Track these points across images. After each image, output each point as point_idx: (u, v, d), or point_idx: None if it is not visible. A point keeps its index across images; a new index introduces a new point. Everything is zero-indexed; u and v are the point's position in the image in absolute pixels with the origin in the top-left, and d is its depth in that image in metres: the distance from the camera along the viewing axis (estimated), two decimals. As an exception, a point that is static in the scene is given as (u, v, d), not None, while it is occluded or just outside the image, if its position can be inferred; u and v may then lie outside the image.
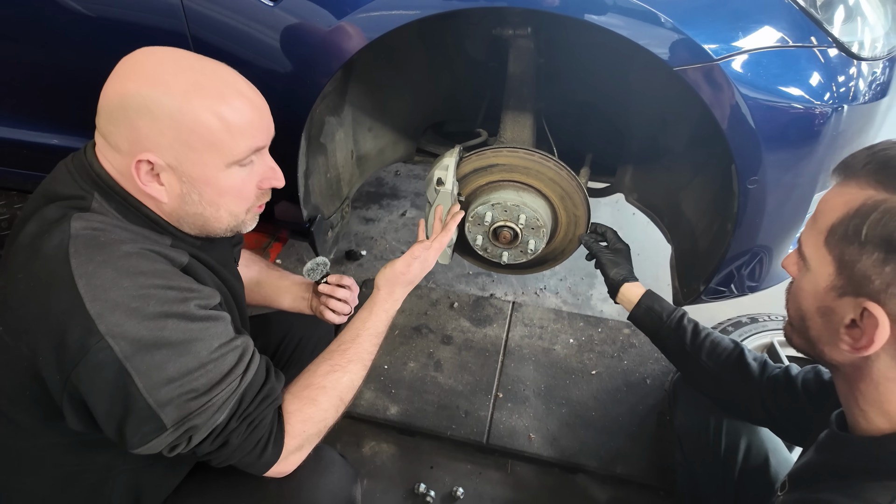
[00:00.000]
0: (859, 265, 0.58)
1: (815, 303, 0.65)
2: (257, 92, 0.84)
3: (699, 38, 0.83)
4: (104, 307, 0.69)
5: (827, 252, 0.62)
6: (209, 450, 0.77)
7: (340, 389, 0.90)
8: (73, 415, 0.74)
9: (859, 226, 0.58)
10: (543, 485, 1.56)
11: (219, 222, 0.84)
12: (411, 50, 1.42)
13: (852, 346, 0.61)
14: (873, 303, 0.57)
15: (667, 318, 1.12)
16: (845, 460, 0.67)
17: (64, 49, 1.15)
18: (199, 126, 0.75)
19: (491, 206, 1.24)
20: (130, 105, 0.74)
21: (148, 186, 0.78)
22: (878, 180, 0.59)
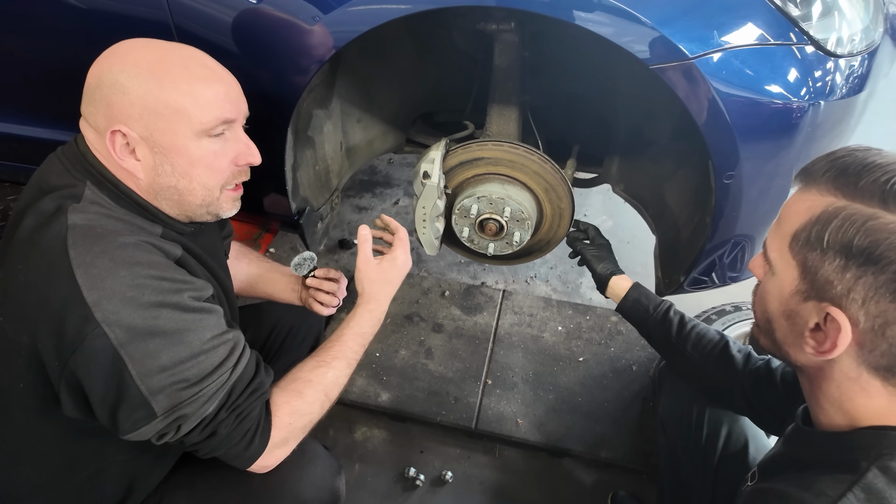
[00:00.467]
0: (822, 271, 0.59)
1: (780, 306, 0.67)
2: (225, 69, 0.88)
3: (675, 37, 0.84)
4: (101, 295, 0.72)
5: (791, 257, 0.63)
6: (197, 439, 0.80)
7: (325, 384, 0.92)
8: (69, 400, 0.77)
9: (821, 232, 0.59)
10: (530, 468, 1.61)
11: (192, 195, 0.86)
12: (399, 42, 1.42)
13: (816, 350, 0.62)
14: (836, 308, 0.58)
15: (653, 311, 1.15)
16: (806, 453, 0.70)
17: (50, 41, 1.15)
18: (165, 95, 0.79)
19: (476, 199, 1.25)
20: (104, 83, 0.79)
21: (124, 161, 0.81)
22: (836, 187, 0.60)
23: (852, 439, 0.63)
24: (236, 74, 0.89)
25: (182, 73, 0.81)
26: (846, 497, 0.56)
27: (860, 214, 0.57)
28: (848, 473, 0.59)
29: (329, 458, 1.02)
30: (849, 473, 0.59)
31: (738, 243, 1.17)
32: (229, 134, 0.87)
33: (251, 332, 1.32)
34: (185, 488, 0.96)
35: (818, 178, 0.62)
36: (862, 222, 0.56)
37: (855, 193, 0.58)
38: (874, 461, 0.58)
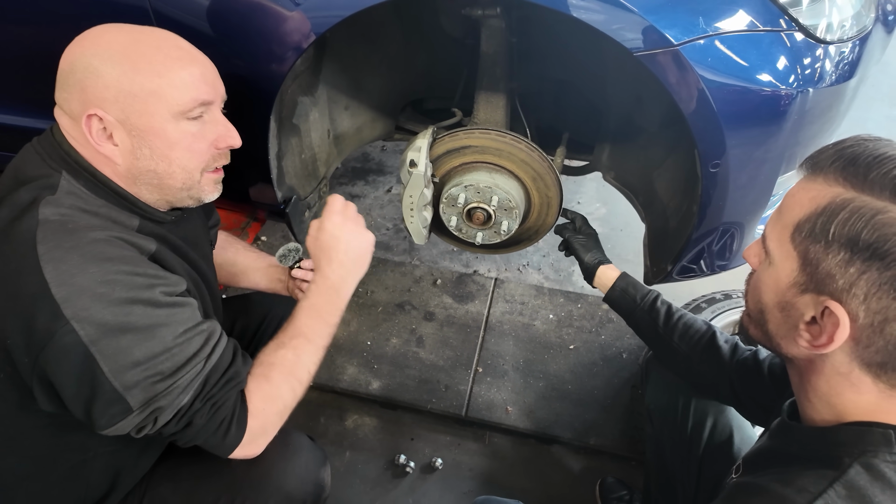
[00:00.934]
0: (824, 264, 0.58)
1: (775, 297, 0.65)
2: (199, 51, 0.87)
3: (660, 24, 0.82)
4: (70, 292, 0.71)
5: (792, 248, 0.61)
6: (174, 430, 0.80)
7: (288, 365, 0.90)
8: (43, 396, 0.77)
9: (826, 224, 0.57)
10: (519, 455, 1.62)
11: (172, 179, 0.85)
12: (387, 27, 1.40)
13: (811, 343, 0.61)
14: (835, 302, 0.57)
15: (640, 301, 1.15)
16: (790, 448, 0.69)
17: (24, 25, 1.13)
18: (139, 76, 0.78)
19: (464, 188, 1.25)
20: (77, 68, 0.78)
21: (101, 146, 0.80)
22: (845, 178, 0.58)
23: (836, 435, 0.62)
24: (216, 61, 0.87)
25: (156, 55, 0.80)
26: (827, 493, 0.56)
27: (868, 208, 0.54)
28: (831, 469, 0.59)
29: (314, 450, 1.02)
30: (831, 469, 0.58)
31: (726, 231, 1.16)
32: (207, 116, 0.86)
33: (242, 322, 1.32)
34: (169, 480, 0.96)
35: (825, 168, 0.60)
36: (871, 216, 0.54)
37: (864, 185, 0.56)
38: (857, 458, 0.58)
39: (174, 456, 0.99)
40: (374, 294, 1.99)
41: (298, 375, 0.91)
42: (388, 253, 2.26)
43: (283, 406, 0.90)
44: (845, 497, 0.55)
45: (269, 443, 0.90)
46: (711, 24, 0.85)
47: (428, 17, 1.42)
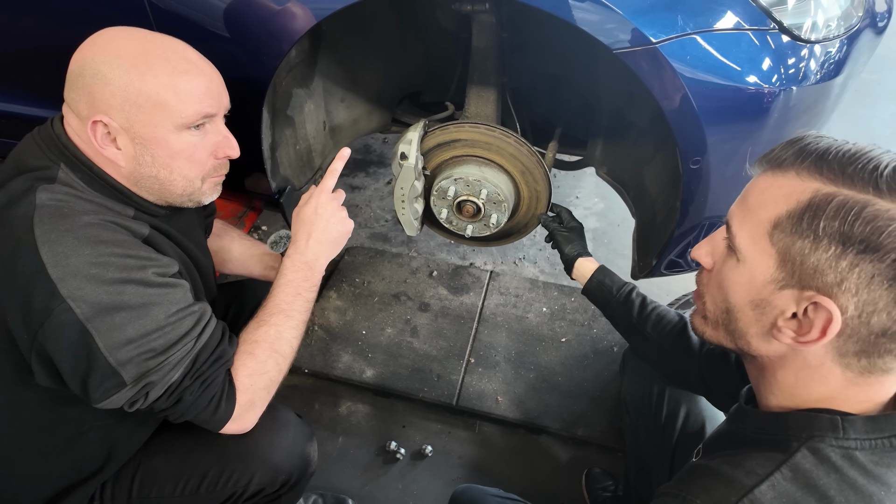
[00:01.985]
0: (811, 259, 0.57)
1: (747, 295, 0.64)
2: (208, 63, 0.89)
3: (638, 22, 0.84)
4: (65, 272, 0.75)
5: (769, 244, 0.61)
6: (165, 406, 0.83)
7: (270, 340, 0.93)
8: (41, 371, 0.80)
9: (813, 220, 0.57)
10: (508, 444, 1.65)
11: (173, 186, 0.89)
12: (383, 20, 1.42)
13: (795, 339, 0.60)
14: (825, 297, 0.56)
15: (616, 292, 1.17)
16: (744, 432, 0.71)
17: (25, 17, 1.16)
18: (146, 87, 0.80)
19: (454, 181, 1.27)
20: (86, 72, 0.80)
21: (105, 150, 0.83)
22: (820, 172, 0.58)
23: (786, 420, 0.64)
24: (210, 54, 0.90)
25: (164, 66, 0.82)
26: (774, 476, 0.58)
27: (855, 201, 0.55)
28: (778, 452, 0.60)
29: (301, 425, 1.06)
30: (779, 452, 0.60)
31: (712, 226, 1.18)
32: (209, 126, 0.89)
33: (236, 307, 1.35)
34: (163, 452, 1.00)
35: (794, 163, 0.60)
36: (860, 209, 0.54)
37: (843, 180, 0.56)
38: (805, 442, 0.60)
39: (167, 430, 1.03)
40: (370, 284, 2.02)
41: (281, 350, 0.94)
42: (387, 244, 2.29)
43: (268, 380, 0.93)
44: (791, 479, 0.57)
45: (258, 418, 0.93)
46: (691, 23, 0.86)
47: (423, 11, 1.44)
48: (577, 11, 0.85)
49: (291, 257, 1.01)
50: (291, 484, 1.01)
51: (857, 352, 0.58)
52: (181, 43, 0.87)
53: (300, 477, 1.02)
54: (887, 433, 0.58)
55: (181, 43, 0.87)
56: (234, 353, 0.91)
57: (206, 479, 0.96)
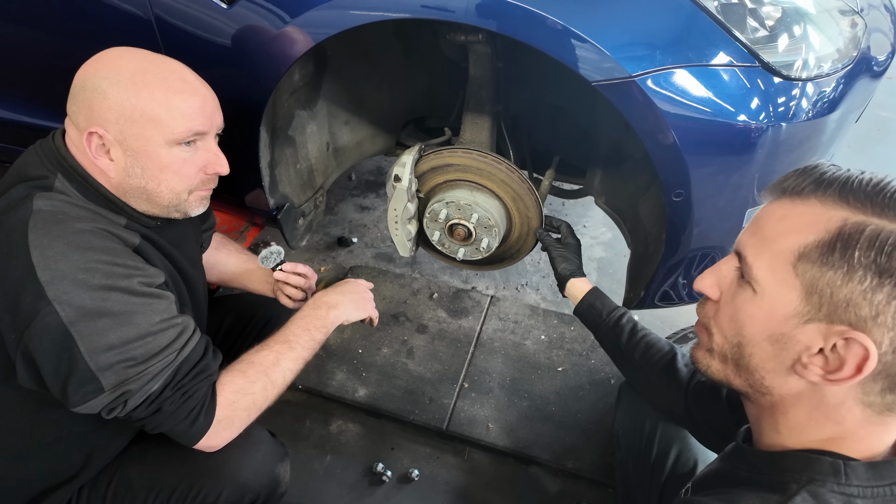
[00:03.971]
0: (843, 291, 0.54)
1: (765, 329, 0.60)
2: (204, 84, 0.93)
3: (615, 55, 0.85)
4: (53, 276, 0.78)
5: (793, 276, 0.57)
6: (143, 415, 0.85)
7: (266, 365, 0.96)
8: (24, 372, 0.83)
9: (846, 250, 0.54)
10: (496, 473, 1.62)
11: (160, 197, 0.92)
12: (388, 47, 1.47)
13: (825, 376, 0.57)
14: (859, 332, 0.53)
15: (606, 316, 1.15)
16: (740, 471, 0.68)
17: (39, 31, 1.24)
18: (141, 103, 0.85)
19: (446, 204, 1.29)
20: (87, 86, 0.86)
21: (98, 160, 0.88)
22: (845, 201, 0.56)
23: (786, 460, 0.61)
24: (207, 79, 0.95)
25: (160, 85, 0.87)
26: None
27: (888, 231, 0.52)
28: (776, 494, 0.58)
29: (273, 445, 1.06)
30: (777, 494, 0.57)
31: (702, 258, 1.17)
32: (200, 144, 0.93)
33: (230, 320, 1.38)
34: (138, 462, 1.02)
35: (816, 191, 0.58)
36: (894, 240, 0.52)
37: (870, 209, 0.54)
38: (805, 485, 0.57)
39: (144, 440, 1.04)
40: (370, 304, 2.04)
41: (273, 377, 0.96)
42: (391, 264, 2.31)
43: (251, 402, 0.94)
44: None
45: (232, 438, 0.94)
46: (670, 58, 0.87)
47: (428, 40, 1.48)
48: (557, 45, 0.87)
49: (315, 298, 1.11)
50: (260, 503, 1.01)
51: (882, 389, 0.55)
52: (180, 64, 0.92)
53: (268, 497, 1.02)
54: (888, 481, 0.56)
55: (180, 64, 0.92)
56: (217, 367, 0.93)
57: (175, 493, 0.97)
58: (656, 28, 0.88)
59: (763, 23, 0.94)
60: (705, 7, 0.88)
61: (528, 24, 0.90)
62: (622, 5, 0.89)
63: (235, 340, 1.38)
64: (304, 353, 1.02)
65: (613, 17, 0.87)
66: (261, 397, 0.95)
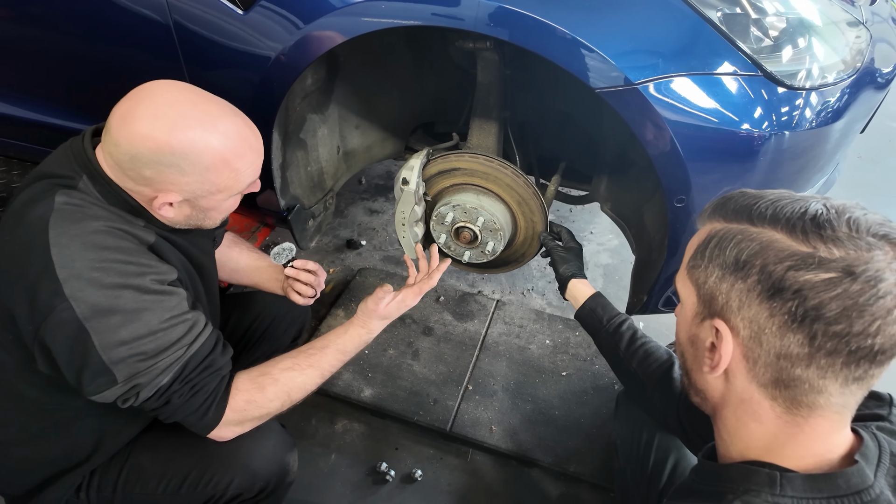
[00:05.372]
0: (707, 286, 0.63)
1: (686, 333, 0.69)
2: (256, 134, 0.96)
3: (619, 63, 0.87)
4: (70, 273, 0.82)
5: (690, 282, 0.67)
6: (154, 406, 0.89)
7: (290, 387, 0.99)
8: (42, 360, 0.87)
9: (703, 250, 0.64)
10: (499, 475, 1.63)
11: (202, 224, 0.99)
12: (398, 54, 1.50)
13: (710, 367, 0.64)
14: (719, 319, 0.61)
15: (606, 322, 1.16)
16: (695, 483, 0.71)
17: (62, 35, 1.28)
18: (216, 179, 0.91)
19: (452, 207, 1.31)
20: (164, 161, 0.86)
21: (161, 209, 0.92)
22: (718, 215, 0.66)
23: (728, 472, 0.65)
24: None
25: (234, 161, 0.90)
26: None
27: (733, 230, 0.62)
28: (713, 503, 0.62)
29: (282, 435, 1.09)
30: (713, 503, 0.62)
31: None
32: None
33: (236, 316, 1.41)
34: (150, 450, 1.05)
35: (708, 213, 0.68)
36: (733, 235, 0.61)
37: (730, 217, 0.64)
38: (740, 495, 0.60)
39: (157, 428, 1.07)
40: (377, 305, 2.06)
41: (294, 397, 1.01)
42: (398, 267, 2.33)
43: (265, 413, 0.98)
44: None
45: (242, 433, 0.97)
46: (673, 66, 0.89)
47: (438, 47, 1.51)
48: (564, 53, 0.90)
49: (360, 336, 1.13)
50: (269, 491, 1.04)
51: (773, 380, 0.59)
52: (244, 122, 0.93)
53: (278, 485, 1.05)
54: (825, 494, 0.57)
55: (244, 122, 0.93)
56: (227, 361, 0.96)
57: (187, 480, 1.00)
58: (659, 37, 0.90)
59: (767, 33, 0.95)
60: (708, 17, 0.90)
61: (536, 34, 0.92)
62: (626, 15, 0.91)
63: (241, 337, 1.41)
64: (329, 374, 1.07)
65: (618, 26, 0.90)
66: (275, 410, 0.99)
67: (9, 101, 1.47)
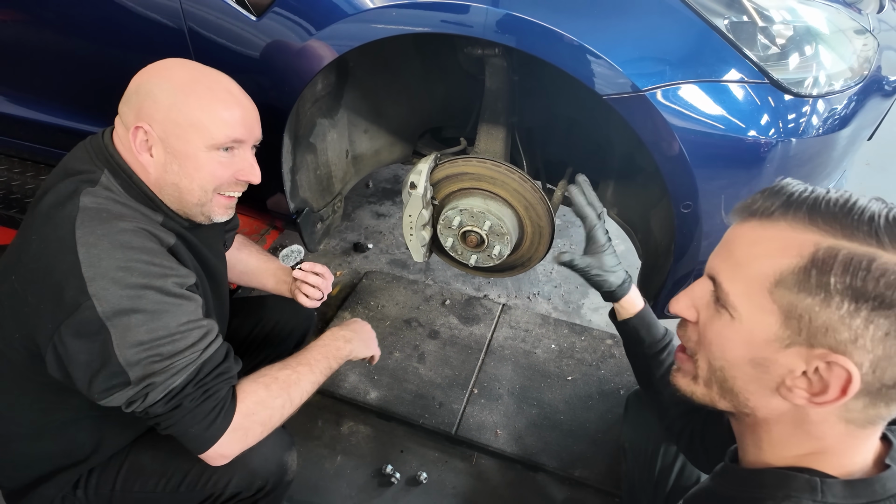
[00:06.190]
0: (822, 317, 0.54)
1: (746, 354, 0.60)
2: (248, 97, 1.00)
3: (627, 70, 0.88)
4: (96, 273, 0.83)
5: (770, 302, 0.57)
6: (161, 410, 0.87)
7: (289, 384, 0.99)
8: (53, 362, 0.87)
9: (822, 276, 0.54)
10: (503, 479, 1.64)
11: (191, 195, 0.97)
12: (407, 59, 1.52)
13: (810, 399, 0.57)
14: (840, 355, 0.54)
15: (647, 347, 1.08)
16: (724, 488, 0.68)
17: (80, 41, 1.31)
18: (187, 108, 0.91)
19: (459, 211, 1.32)
20: (141, 91, 0.93)
21: (141, 155, 0.94)
22: (816, 224, 0.55)
23: (765, 477, 0.62)
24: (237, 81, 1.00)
25: (206, 94, 0.93)
26: None
27: (861, 255, 0.53)
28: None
29: (282, 434, 1.09)
30: None
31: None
32: (238, 152, 0.99)
33: (237, 321, 1.41)
34: (149, 448, 1.06)
35: (784, 215, 0.58)
36: (867, 264, 0.52)
37: (843, 232, 0.54)
38: (780, 501, 0.57)
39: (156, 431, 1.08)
40: (384, 308, 2.08)
41: (292, 395, 1.00)
42: (405, 271, 2.35)
43: (269, 416, 0.96)
44: None
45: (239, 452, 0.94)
46: (680, 73, 0.90)
47: (446, 53, 1.53)
48: (569, 58, 0.91)
49: (333, 330, 1.17)
50: (268, 490, 1.05)
51: (864, 406, 0.56)
52: (227, 78, 0.98)
53: (276, 484, 1.06)
54: (864, 499, 0.56)
55: (227, 78, 0.98)
56: (237, 371, 0.96)
57: (186, 479, 1.01)
58: (667, 45, 0.91)
59: (774, 41, 0.96)
60: (715, 25, 0.91)
61: (544, 41, 0.93)
62: (634, 23, 0.92)
63: (242, 342, 1.41)
64: (320, 378, 1.06)
65: (625, 33, 0.91)
66: (278, 413, 0.98)
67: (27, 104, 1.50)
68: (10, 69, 1.48)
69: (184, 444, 0.91)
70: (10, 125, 1.60)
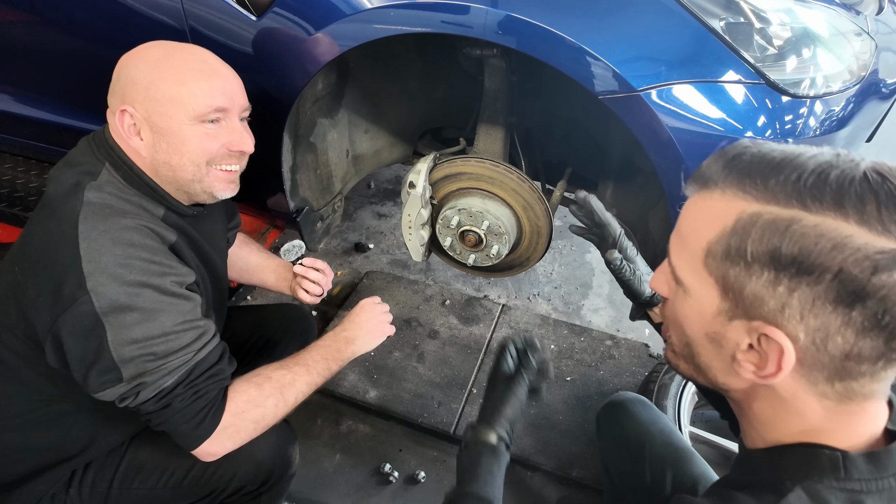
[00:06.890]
0: (748, 287, 0.52)
1: (701, 329, 0.59)
2: (226, 66, 0.99)
3: (622, 70, 0.89)
4: (95, 268, 0.84)
5: (707, 275, 0.55)
6: (152, 409, 0.87)
7: (283, 384, 0.99)
8: (52, 352, 0.88)
9: (741, 244, 0.52)
10: (501, 479, 1.64)
11: (184, 171, 0.96)
12: (408, 59, 1.52)
13: (757, 373, 0.55)
14: (772, 326, 0.51)
15: None
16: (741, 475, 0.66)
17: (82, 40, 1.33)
18: (163, 84, 0.92)
19: (458, 211, 1.33)
20: (121, 76, 0.94)
21: (131, 140, 0.94)
22: (744, 190, 0.52)
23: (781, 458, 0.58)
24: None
25: (181, 67, 0.93)
26: None
27: (780, 219, 0.50)
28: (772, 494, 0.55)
29: (285, 428, 1.10)
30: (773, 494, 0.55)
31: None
32: (224, 122, 0.98)
33: (234, 328, 1.39)
34: (149, 444, 1.06)
35: (719, 182, 0.55)
36: (784, 228, 0.49)
37: (766, 195, 0.51)
38: (800, 481, 0.54)
39: None
40: (384, 308, 2.08)
41: (286, 396, 0.99)
42: (405, 271, 2.36)
43: (261, 415, 0.95)
44: None
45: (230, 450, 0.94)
46: (675, 73, 0.91)
47: (446, 54, 1.54)
48: (567, 59, 0.91)
49: (335, 330, 1.15)
50: (272, 483, 1.05)
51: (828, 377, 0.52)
52: (202, 49, 0.98)
53: (280, 477, 1.06)
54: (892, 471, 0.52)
55: (202, 49, 0.98)
56: (230, 373, 0.96)
57: (190, 473, 1.01)
58: (663, 45, 0.91)
59: (771, 42, 0.96)
60: (710, 26, 0.91)
61: (542, 42, 0.94)
62: (631, 24, 0.93)
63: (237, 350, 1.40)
64: (318, 380, 1.05)
65: (622, 34, 0.91)
66: (271, 413, 0.97)
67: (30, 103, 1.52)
68: (14, 68, 1.50)
69: (175, 440, 0.92)
70: (14, 124, 1.62)
